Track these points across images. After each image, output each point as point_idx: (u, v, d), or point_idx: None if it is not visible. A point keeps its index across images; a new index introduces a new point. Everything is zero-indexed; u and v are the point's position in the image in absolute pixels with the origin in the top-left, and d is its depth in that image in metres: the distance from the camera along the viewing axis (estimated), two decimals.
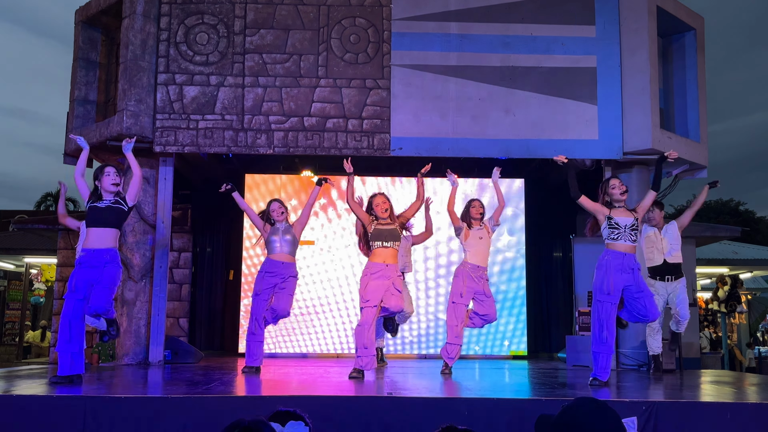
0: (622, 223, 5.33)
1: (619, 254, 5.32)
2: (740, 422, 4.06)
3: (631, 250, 5.34)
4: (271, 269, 6.13)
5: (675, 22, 7.73)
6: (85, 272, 4.95)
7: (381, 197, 5.84)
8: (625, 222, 5.34)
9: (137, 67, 7.06)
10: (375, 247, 5.72)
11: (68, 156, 7.74)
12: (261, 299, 6.12)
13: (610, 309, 5.31)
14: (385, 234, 5.68)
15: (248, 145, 7.14)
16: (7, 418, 3.95)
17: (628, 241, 5.33)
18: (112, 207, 5.05)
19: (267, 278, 6.12)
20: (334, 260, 9.05)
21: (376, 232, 5.71)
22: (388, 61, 7.27)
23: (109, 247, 5.02)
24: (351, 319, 8.97)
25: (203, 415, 4.01)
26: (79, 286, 4.94)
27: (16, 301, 15.03)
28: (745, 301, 14.25)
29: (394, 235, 5.70)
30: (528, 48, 7.36)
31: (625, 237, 5.33)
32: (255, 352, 6.16)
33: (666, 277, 6.55)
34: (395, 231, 5.72)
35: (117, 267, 5.04)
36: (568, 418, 1.77)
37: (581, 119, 7.27)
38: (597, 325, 5.30)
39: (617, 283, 5.28)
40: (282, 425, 1.88)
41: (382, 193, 5.93)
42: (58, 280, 9.84)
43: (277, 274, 6.11)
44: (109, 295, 4.98)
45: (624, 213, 5.40)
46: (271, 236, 6.18)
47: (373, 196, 5.91)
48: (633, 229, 5.33)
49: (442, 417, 3.91)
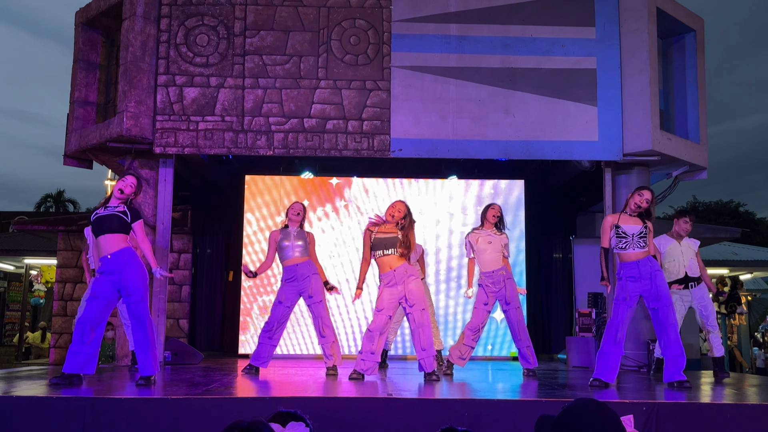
0: (629, 231, 5.35)
1: (632, 264, 5.32)
2: (740, 423, 4.06)
3: (643, 255, 5.32)
4: (288, 275, 6.13)
5: (675, 23, 7.73)
6: (105, 278, 4.97)
7: (399, 203, 5.84)
8: (633, 230, 5.35)
9: (137, 68, 7.06)
10: (377, 257, 5.71)
11: (68, 157, 7.75)
12: (284, 306, 6.12)
13: (626, 312, 5.31)
14: (385, 242, 5.68)
15: (248, 146, 7.14)
16: (7, 419, 3.95)
17: (636, 248, 5.33)
18: (115, 214, 5.06)
19: (288, 285, 6.12)
20: (335, 264, 9.05)
21: (376, 241, 5.71)
22: (388, 63, 7.28)
23: (121, 248, 5.00)
24: (352, 320, 8.97)
25: (203, 416, 4.01)
26: (101, 293, 4.95)
27: (16, 302, 15.04)
28: (745, 302, 14.25)
29: (394, 242, 5.68)
30: (528, 49, 7.36)
31: (634, 245, 5.33)
32: (265, 354, 6.15)
33: (689, 284, 6.40)
34: (394, 239, 5.69)
35: (137, 268, 5.02)
36: (568, 418, 1.77)
37: (581, 120, 7.28)
38: (613, 327, 5.31)
39: (633, 290, 5.30)
40: (283, 426, 1.88)
41: (401, 201, 5.92)
42: (58, 281, 9.84)
43: (295, 277, 6.09)
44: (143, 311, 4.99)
45: (633, 221, 5.40)
46: (282, 242, 6.17)
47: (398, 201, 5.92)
48: (641, 236, 5.34)
49: (443, 418, 3.91)
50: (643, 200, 5.38)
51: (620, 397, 4.51)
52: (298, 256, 6.12)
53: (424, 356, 5.60)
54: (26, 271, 14.10)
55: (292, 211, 6.25)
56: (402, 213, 5.75)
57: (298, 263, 6.10)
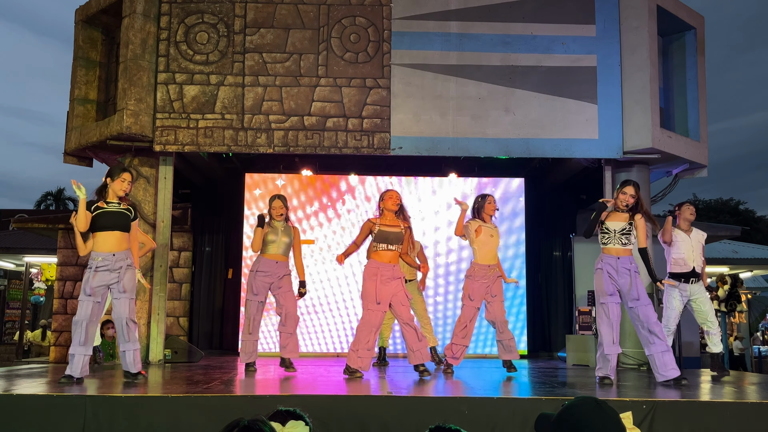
0: (612, 227, 5.38)
1: (611, 258, 5.36)
2: (740, 421, 4.07)
3: (624, 253, 5.35)
4: (264, 268, 6.11)
5: (675, 21, 7.72)
6: (103, 276, 5.02)
7: (395, 192, 5.78)
8: (616, 227, 5.36)
9: (137, 66, 7.06)
10: (380, 249, 5.63)
11: (68, 155, 7.75)
12: (258, 300, 6.14)
13: (616, 309, 5.33)
14: (390, 237, 5.60)
15: (248, 144, 7.14)
16: (8, 418, 3.95)
17: (618, 244, 5.35)
18: (122, 212, 5.12)
19: (260, 278, 6.10)
20: (333, 260, 9.05)
21: (380, 234, 5.61)
22: (388, 60, 7.27)
23: (125, 249, 5.13)
24: (351, 318, 8.97)
25: (203, 414, 4.01)
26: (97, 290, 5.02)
27: (16, 300, 15.04)
28: (745, 300, 14.26)
29: (400, 238, 5.63)
30: (528, 47, 7.35)
31: (616, 241, 5.35)
32: (252, 350, 6.21)
33: (690, 279, 6.27)
34: (401, 234, 5.63)
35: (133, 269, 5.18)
36: (568, 417, 1.77)
37: (581, 118, 7.27)
38: (606, 327, 5.31)
39: (611, 284, 5.33)
40: (282, 424, 1.88)
41: (395, 190, 5.87)
42: (58, 279, 9.84)
43: (272, 273, 6.10)
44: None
45: (619, 217, 5.41)
46: (269, 235, 6.16)
47: (386, 191, 5.84)
48: (624, 233, 5.34)
49: (442, 416, 3.91)
50: (627, 197, 5.39)
51: (620, 396, 4.51)
52: (281, 254, 6.16)
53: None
54: (26, 269, 14.10)
55: (274, 211, 6.19)
56: (400, 200, 5.73)
57: (278, 261, 6.14)
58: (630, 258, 5.36)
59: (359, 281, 8.98)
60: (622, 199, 5.40)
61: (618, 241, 5.35)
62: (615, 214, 5.44)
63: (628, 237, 5.35)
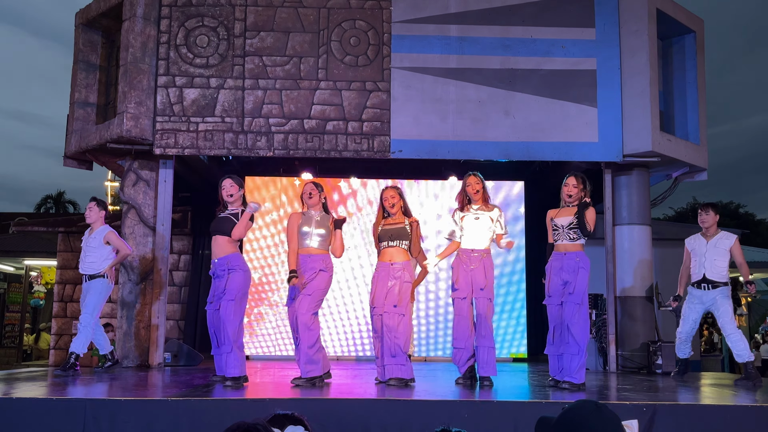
0: (560, 223, 5.37)
1: (558, 255, 5.35)
2: (740, 425, 4.06)
3: (571, 248, 5.30)
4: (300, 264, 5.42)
5: (675, 24, 7.73)
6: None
7: (390, 191, 5.54)
8: (563, 222, 5.35)
9: (137, 69, 7.06)
10: (382, 248, 5.52)
11: (68, 158, 7.75)
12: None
13: (554, 311, 5.35)
14: (391, 233, 5.48)
15: (248, 147, 7.14)
16: (8, 421, 3.94)
17: (565, 240, 5.33)
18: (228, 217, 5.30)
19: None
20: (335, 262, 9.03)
21: (382, 232, 5.53)
22: (388, 64, 7.28)
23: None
24: (351, 321, 8.96)
25: (203, 417, 4.00)
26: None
27: (16, 303, 15.02)
28: (745, 303, 14.24)
29: (401, 234, 5.46)
30: (528, 50, 7.36)
31: (563, 237, 5.34)
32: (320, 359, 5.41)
33: (702, 285, 6.12)
34: (403, 229, 5.47)
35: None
36: (569, 420, 1.76)
37: (581, 121, 7.27)
38: (550, 329, 5.38)
39: (556, 284, 5.31)
40: (281, 429, 1.87)
41: (393, 187, 5.63)
42: (58, 282, 9.83)
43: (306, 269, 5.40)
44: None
45: (567, 212, 5.38)
46: (303, 226, 5.46)
47: (384, 189, 5.65)
48: (571, 228, 5.30)
49: (443, 420, 3.91)
50: (568, 189, 5.35)
51: (620, 399, 4.51)
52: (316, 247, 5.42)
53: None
54: (26, 273, 14.09)
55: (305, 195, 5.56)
56: (397, 198, 5.52)
57: (312, 255, 5.38)
58: (578, 253, 5.29)
59: (360, 285, 9.00)
60: (564, 191, 5.37)
61: (566, 237, 5.32)
62: (563, 210, 5.41)
63: (576, 231, 5.29)
